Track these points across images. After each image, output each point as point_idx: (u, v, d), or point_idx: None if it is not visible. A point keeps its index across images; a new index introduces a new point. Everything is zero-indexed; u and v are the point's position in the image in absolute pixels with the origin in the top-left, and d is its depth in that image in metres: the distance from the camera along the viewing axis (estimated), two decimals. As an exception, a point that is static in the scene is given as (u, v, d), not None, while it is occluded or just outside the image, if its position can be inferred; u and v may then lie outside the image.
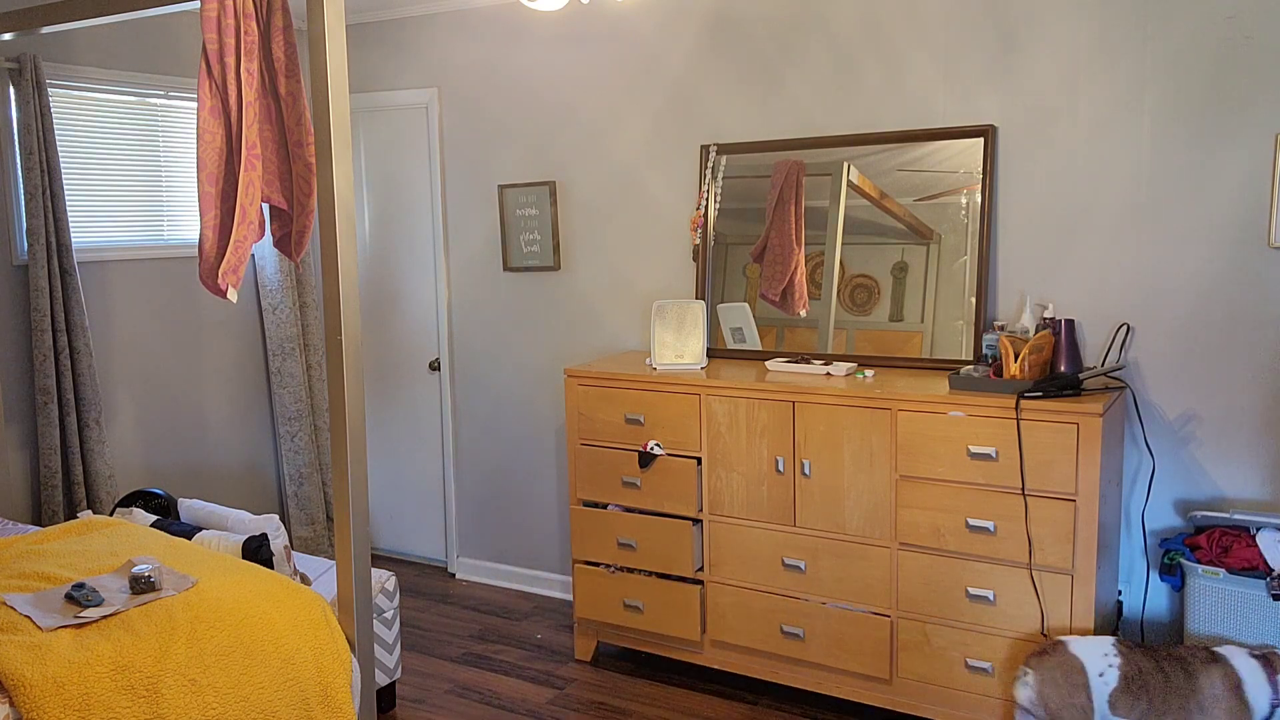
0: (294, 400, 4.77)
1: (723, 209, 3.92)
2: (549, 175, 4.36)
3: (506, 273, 4.53)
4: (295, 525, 4.87)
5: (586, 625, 3.88)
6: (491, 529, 4.74)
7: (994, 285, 3.48)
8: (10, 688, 2.29)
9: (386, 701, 3.52)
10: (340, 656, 2.76)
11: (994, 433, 3.00)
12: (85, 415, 3.98)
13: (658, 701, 3.58)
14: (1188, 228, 3.17)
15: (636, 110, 4.12)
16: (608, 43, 4.14)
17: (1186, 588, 3.05)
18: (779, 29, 3.77)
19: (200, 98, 2.67)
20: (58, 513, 3.92)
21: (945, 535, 3.12)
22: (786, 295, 3.79)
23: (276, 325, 4.73)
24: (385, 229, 4.89)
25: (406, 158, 4.77)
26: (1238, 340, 3.14)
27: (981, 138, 3.42)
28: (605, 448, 3.71)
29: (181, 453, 4.55)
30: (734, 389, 3.41)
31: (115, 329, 4.26)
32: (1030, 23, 3.34)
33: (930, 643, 3.19)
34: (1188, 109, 3.14)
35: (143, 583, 2.70)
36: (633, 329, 4.24)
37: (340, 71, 2.60)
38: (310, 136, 2.72)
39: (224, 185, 2.72)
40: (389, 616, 3.43)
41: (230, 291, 2.70)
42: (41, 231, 3.79)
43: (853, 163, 3.66)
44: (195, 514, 3.52)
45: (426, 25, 4.59)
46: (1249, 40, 3.04)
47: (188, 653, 2.51)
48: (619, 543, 3.69)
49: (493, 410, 4.65)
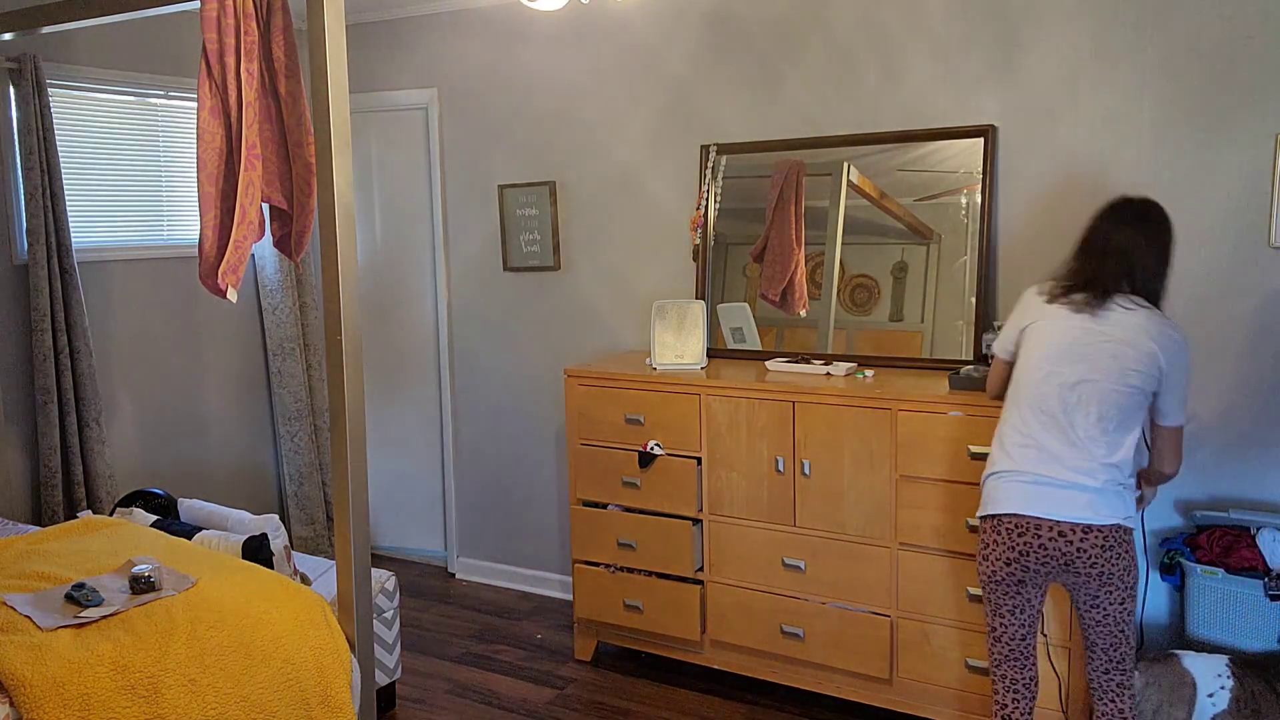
0: (294, 400, 4.77)
1: (723, 209, 3.92)
2: (549, 175, 4.36)
3: (506, 273, 4.53)
4: (295, 525, 4.87)
5: (586, 625, 3.88)
6: (491, 529, 4.74)
7: (994, 285, 3.48)
8: (10, 688, 2.29)
9: (386, 701, 3.52)
10: (340, 656, 2.76)
11: (993, 433, 3.00)
12: (85, 415, 3.98)
13: (658, 701, 3.58)
14: (1188, 227, 3.17)
15: (636, 110, 4.12)
16: (608, 43, 4.14)
17: (1186, 587, 3.05)
18: (779, 29, 3.77)
19: (200, 98, 2.67)
20: (58, 512, 3.92)
21: (945, 535, 3.12)
22: (786, 295, 3.79)
23: (276, 325, 4.73)
24: (385, 229, 4.89)
25: (406, 158, 4.77)
26: (1238, 340, 3.14)
27: (981, 138, 3.42)
28: (605, 448, 3.71)
29: (181, 453, 4.55)
30: (734, 389, 3.41)
31: (115, 329, 4.26)
32: (1030, 23, 3.34)
33: (930, 643, 3.19)
34: (1188, 109, 3.14)
35: (143, 583, 2.70)
36: (633, 329, 4.24)
37: (340, 71, 2.60)
38: (310, 136, 2.72)
39: (224, 185, 2.72)
40: (389, 616, 3.43)
41: (230, 291, 2.70)
42: (41, 231, 3.79)
43: (853, 163, 3.66)
44: (195, 514, 3.52)
45: (426, 25, 4.59)
46: (1249, 40, 3.04)
47: (188, 653, 2.51)
48: (619, 543, 3.69)
49: (493, 410, 4.65)
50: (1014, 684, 2.65)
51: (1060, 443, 2.51)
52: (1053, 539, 2.49)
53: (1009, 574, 2.57)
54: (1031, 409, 2.55)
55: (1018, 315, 2.68)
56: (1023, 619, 2.61)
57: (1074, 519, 2.47)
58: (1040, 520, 2.50)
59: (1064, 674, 2.99)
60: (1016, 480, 2.55)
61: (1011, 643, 2.64)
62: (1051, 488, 2.50)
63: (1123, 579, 2.50)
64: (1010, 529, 2.54)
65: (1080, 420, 2.49)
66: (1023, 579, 2.56)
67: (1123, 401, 2.48)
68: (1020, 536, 2.53)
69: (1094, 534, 2.46)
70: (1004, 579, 2.58)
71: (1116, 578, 2.49)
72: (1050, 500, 2.50)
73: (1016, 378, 2.63)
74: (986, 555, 2.62)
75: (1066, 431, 2.50)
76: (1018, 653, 2.64)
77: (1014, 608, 2.61)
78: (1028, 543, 2.52)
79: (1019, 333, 2.66)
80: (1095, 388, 2.48)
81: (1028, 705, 2.66)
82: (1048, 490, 2.50)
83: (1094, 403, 2.48)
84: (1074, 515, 2.47)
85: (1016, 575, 2.56)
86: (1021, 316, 2.66)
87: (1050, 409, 2.52)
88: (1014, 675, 2.65)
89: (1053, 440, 2.51)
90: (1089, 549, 2.46)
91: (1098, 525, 2.46)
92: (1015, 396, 2.62)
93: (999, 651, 2.67)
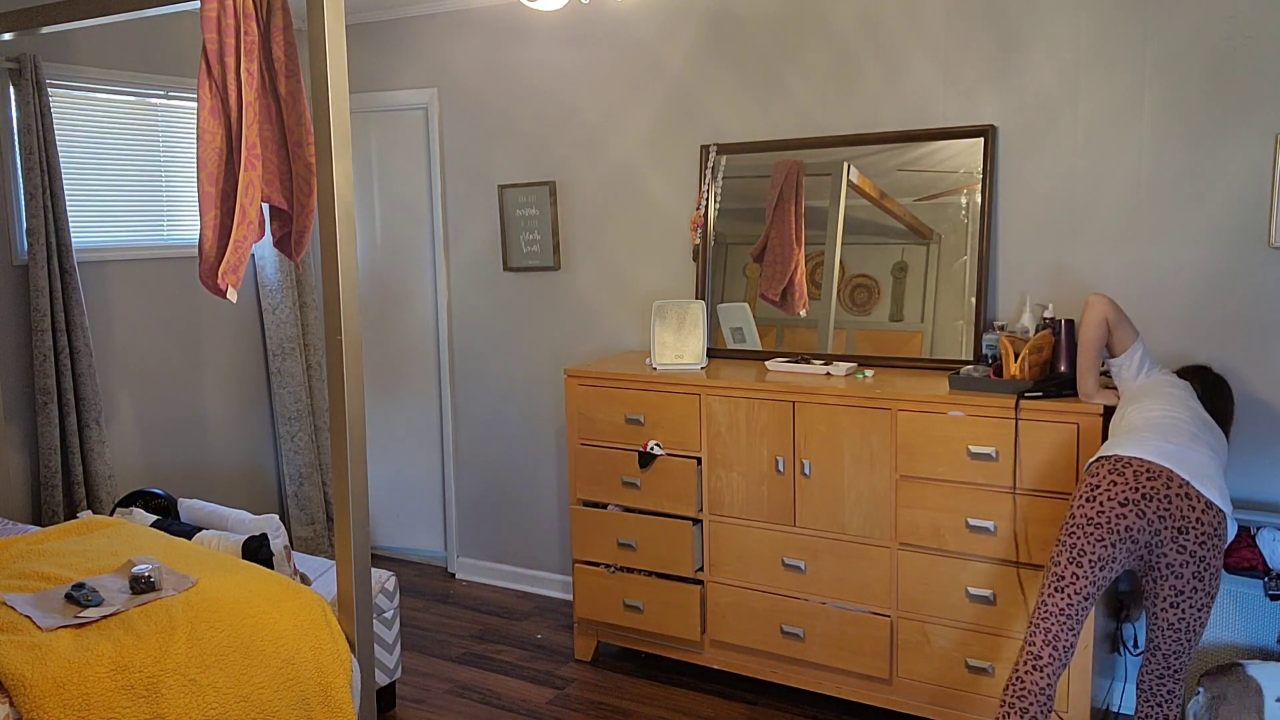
0: (294, 400, 4.77)
1: (723, 209, 3.92)
2: (549, 175, 4.36)
3: (506, 273, 4.53)
4: (295, 525, 4.87)
5: (586, 625, 3.88)
6: (491, 529, 4.74)
7: (994, 285, 3.48)
8: (10, 688, 2.29)
9: (386, 701, 3.52)
10: (340, 656, 2.76)
11: (994, 433, 3.00)
12: (85, 415, 3.98)
13: (658, 701, 3.58)
14: (1188, 227, 3.17)
15: (636, 110, 4.12)
16: (608, 43, 4.14)
17: (1186, 588, 3.05)
18: (779, 29, 3.77)
19: (200, 98, 2.67)
20: (58, 513, 3.92)
21: (945, 535, 3.12)
22: (786, 295, 3.79)
23: (276, 325, 4.73)
24: (385, 229, 4.89)
25: (406, 158, 4.77)
26: (1238, 340, 3.14)
27: (981, 138, 3.42)
28: (605, 448, 3.71)
29: (181, 453, 4.55)
30: (734, 389, 3.41)
31: (115, 329, 4.26)
32: (1030, 23, 3.34)
33: (930, 643, 3.19)
34: (1187, 109, 3.14)
35: (143, 583, 2.70)
36: (633, 329, 4.24)
37: (340, 71, 2.60)
38: (310, 136, 2.72)
39: (224, 185, 2.72)
40: (389, 616, 3.43)
41: (230, 291, 2.71)
42: (41, 231, 3.79)
43: (853, 163, 3.66)
44: (195, 514, 3.52)
45: (426, 25, 4.59)
46: (1249, 40, 3.04)
47: (187, 653, 2.51)
48: (619, 543, 3.69)
49: (493, 410, 4.65)
50: (1056, 640, 2.41)
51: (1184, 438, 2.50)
52: (1181, 496, 2.36)
53: (1118, 516, 2.37)
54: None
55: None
56: (1100, 576, 2.39)
57: (1203, 489, 2.38)
58: (1173, 473, 2.38)
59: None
60: (1146, 436, 2.47)
61: (1075, 598, 2.40)
62: (1185, 450, 2.42)
63: (1213, 579, 2.39)
64: (1139, 471, 2.40)
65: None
66: (1129, 528, 2.36)
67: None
68: (1150, 480, 2.38)
69: (1214, 512, 2.37)
70: (1108, 521, 2.38)
71: (1209, 576, 2.37)
72: (1184, 462, 2.40)
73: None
74: (1095, 496, 2.42)
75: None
76: (1076, 610, 2.41)
77: (1099, 560, 2.38)
78: (1155, 489, 2.37)
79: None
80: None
81: (1058, 669, 2.42)
82: (1181, 452, 2.42)
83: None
84: (1204, 486, 2.38)
85: (1126, 521, 2.37)
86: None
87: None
88: (1059, 632, 2.40)
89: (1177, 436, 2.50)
90: (1206, 524, 2.35)
91: (1218, 505, 2.38)
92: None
93: (1055, 604, 2.42)
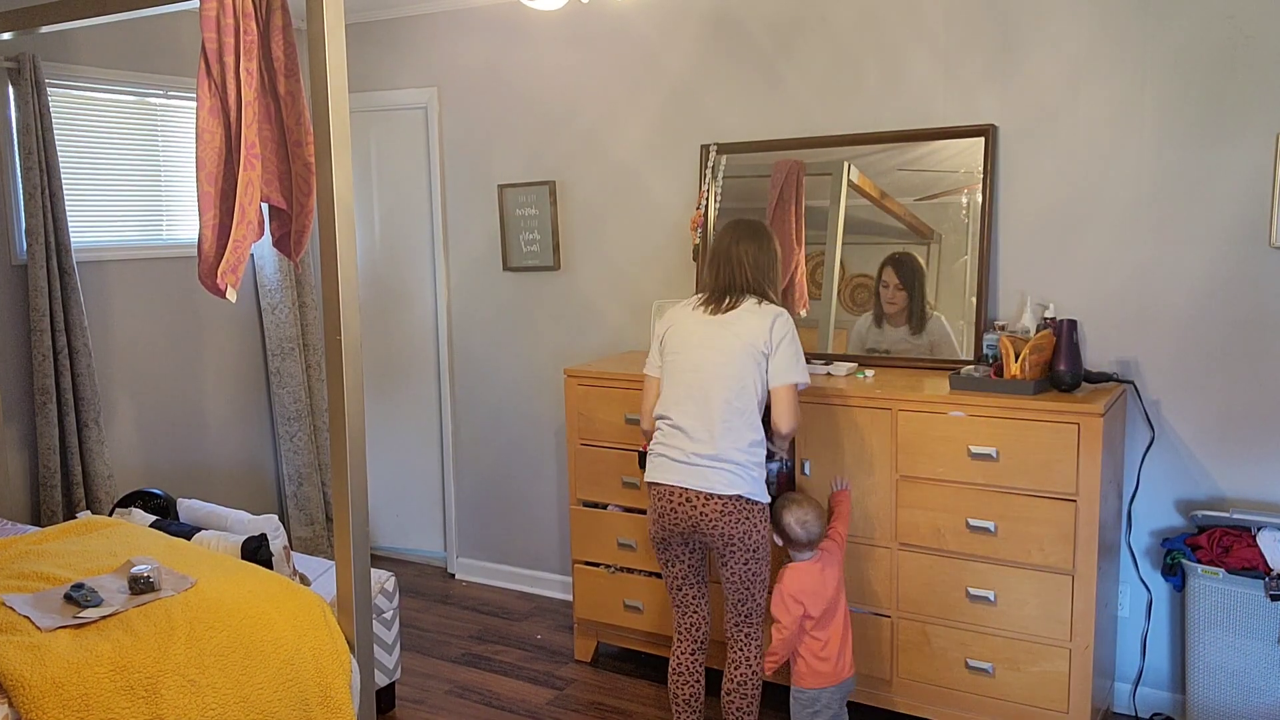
0: (294, 400, 4.77)
1: (723, 209, 3.92)
2: (549, 175, 4.36)
3: (506, 272, 4.53)
4: (295, 525, 4.86)
5: (586, 625, 3.87)
6: (491, 529, 4.73)
7: (994, 285, 3.48)
8: (9, 688, 2.29)
9: (386, 702, 3.51)
10: (340, 657, 2.76)
11: (994, 433, 3.00)
12: (84, 415, 3.98)
13: (658, 702, 3.57)
14: (1188, 227, 3.17)
15: (636, 110, 4.11)
16: (608, 43, 4.14)
17: (1187, 588, 3.05)
18: (779, 29, 3.77)
19: (199, 97, 2.67)
20: (57, 513, 3.91)
21: (945, 535, 3.12)
22: (786, 295, 3.78)
23: (276, 325, 4.73)
24: (385, 229, 4.89)
25: (406, 158, 4.77)
26: (1238, 340, 3.14)
27: (981, 137, 3.42)
28: (605, 448, 3.70)
29: (181, 453, 4.54)
30: (734, 389, 3.40)
31: (114, 329, 4.26)
32: (1030, 23, 3.34)
33: (930, 643, 3.19)
34: (1188, 109, 3.14)
35: (142, 583, 2.69)
36: (633, 329, 4.23)
37: (340, 71, 2.60)
38: (310, 136, 2.71)
39: (223, 185, 2.71)
40: (389, 617, 3.42)
41: (229, 291, 2.70)
42: (41, 231, 3.79)
43: (853, 162, 3.65)
44: (194, 514, 3.52)
45: (426, 25, 4.58)
46: (1249, 40, 3.04)
47: (187, 653, 2.50)
48: (619, 543, 3.69)
49: (493, 410, 4.65)
50: (678, 625, 3.08)
51: (696, 423, 2.85)
52: (681, 504, 2.87)
53: (654, 533, 2.97)
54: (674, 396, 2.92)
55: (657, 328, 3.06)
56: (674, 571, 3.02)
57: (698, 488, 2.84)
58: (673, 488, 2.89)
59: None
60: (662, 455, 2.93)
61: (672, 591, 3.07)
62: (684, 464, 2.87)
63: (743, 543, 2.85)
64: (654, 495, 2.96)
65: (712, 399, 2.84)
66: (666, 538, 2.95)
67: (744, 379, 2.84)
68: (660, 501, 2.94)
69: (715, 501, 2.82)
70: (652, 537, 2.99)
71: (738, 540, 2.84)
72: (682, 472, 2.88)
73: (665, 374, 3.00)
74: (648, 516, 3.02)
75: (702, 412, 2.84)
76: (677, 600, 3.06)
77: (666, 561, 3.02)
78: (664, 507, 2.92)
79: (659, 342, 3.03)
80: (719, 370, 2.85)
81: (690, 644, 3.07)
82: (681, 466, 2.88)
83: (719, 382, 2.84)
84: (699, 485, 2.84)
85: (660, 535, 2.96)
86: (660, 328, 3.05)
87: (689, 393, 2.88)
88: (678, 618, 3.08)
89: (690, 421, 2.86)
90: (709, 514, 2.82)
91: (718, 495, 2.82)
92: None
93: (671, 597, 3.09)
